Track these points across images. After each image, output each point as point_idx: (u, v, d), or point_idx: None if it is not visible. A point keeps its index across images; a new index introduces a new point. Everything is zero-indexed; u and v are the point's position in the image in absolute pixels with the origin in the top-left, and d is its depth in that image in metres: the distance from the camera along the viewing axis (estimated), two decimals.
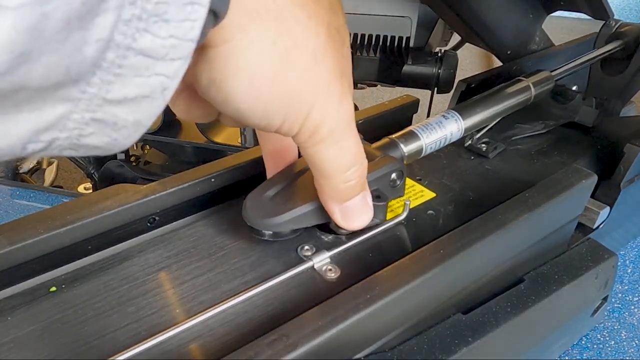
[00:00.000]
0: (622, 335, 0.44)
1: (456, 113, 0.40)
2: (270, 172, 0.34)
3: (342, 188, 0.27)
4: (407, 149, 0.36)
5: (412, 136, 0.37)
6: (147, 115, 0.18)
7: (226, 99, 0.21)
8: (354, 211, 0.29)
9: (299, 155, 0.34)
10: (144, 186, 0.34)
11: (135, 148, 0.89)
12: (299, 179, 0.32)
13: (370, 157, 0.31)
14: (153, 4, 0.16)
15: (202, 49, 0.20)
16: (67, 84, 0.16)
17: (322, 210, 0.30)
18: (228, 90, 0.21)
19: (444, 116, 0.39)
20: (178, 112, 0.26)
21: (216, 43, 0.20)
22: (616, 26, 0.49)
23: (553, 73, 0.45)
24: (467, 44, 0.82)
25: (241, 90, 0.21)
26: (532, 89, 0.44)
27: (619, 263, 0.47)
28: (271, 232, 0.31)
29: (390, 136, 0.37)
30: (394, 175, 0.32)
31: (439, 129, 0.38)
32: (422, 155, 0.38)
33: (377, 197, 0.31)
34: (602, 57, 0.48)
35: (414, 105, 0.48)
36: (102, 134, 0.18)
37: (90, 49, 0.15)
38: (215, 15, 0.18)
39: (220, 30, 0.19)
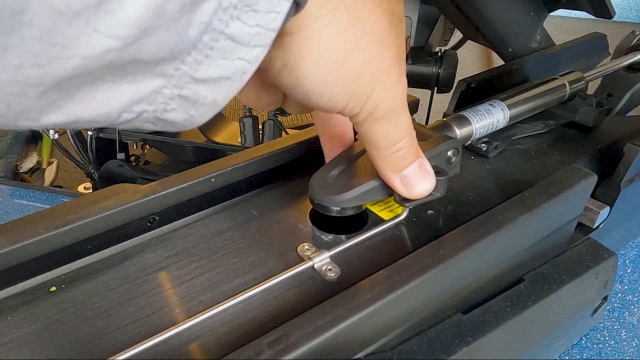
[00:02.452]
0: (622, 335, 0.44)
1: (502, 102, 0.42)
2: (328, 155, 0.35)
3: (396, 157, 0.29)
4: (460, 131, 0.39)
5: (464, 120, 0.39)
6: (224, 96, 0.20)
7: (297, 82, 0.23)
8: (414, 178, 0.30)
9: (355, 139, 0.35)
10: (144, 186, 0.34)
11: (135, 148, 0.89)
12: (359, 159, 0.33)
13: (426, 137, 0.33)
14: None
15: (279, 36, 0.21)
16: (168, 60, 0.17)
17: (385, 185, 0.31)
18: (299, 73, 0.22)
19: (490, 104, 0.41)
20: (247, 101, 0.27)
21: (292, 31, 0.21)
22: (639, 35, 0.54)
23: (585, 75, 0.48)
24: (467, 43, 0.82)
25: (312, 73, 0.22)
26: (568, 87, 0.46)
27: (619, 263, 0.47)
28: (339, 209, 0.32)
29: (443, 118, 0.39)
30: (450, 153, 0.33)
31: (488, 115, 0.40)
32: (472, 139, 0.40)
33: (436, 172, 0.32)
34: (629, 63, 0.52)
35: (414, 105, 0.48)
36: (182, 110, 0.19)
37: (193, 30, 0.17)
38: (296, 6, 0.19)
39: (298, 19, 0.21)
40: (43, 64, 0.15)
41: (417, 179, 0.30)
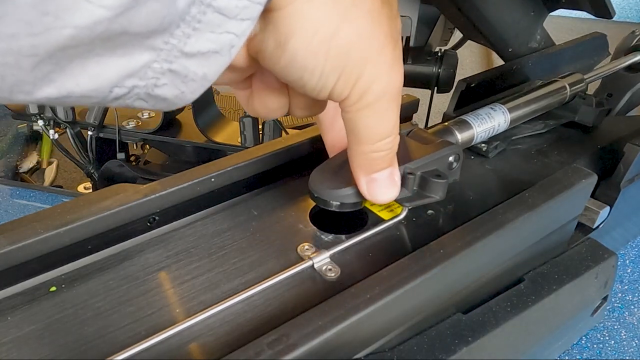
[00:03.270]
0: (622, 335, 0.44)
1: (502, 106, 0.42)
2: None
3: (373, 157, 0.28)
4: (461, 135, 0.39)
5: (465, 124, 0.40)
6: (214, 71, 0.20)
7: (290, 62, 0.22)
8: (379, 184, 0.29)
9: None
10: (144, 186, 0.34)
11: (135, 148, 0.89)
12: None
13: (428, 142, 0.34)
14: None
15: (269, 13, 0.21)
16: (157, 33, 0.18)
17: None
18: (291, 50, 0.22)
19: (492, 108, 0.42)
20: (255, 111, 0.27)
21: (281, 6, 0.21)
22: (639, 35, 0.54)
23: (585, 77, 0.48)
24: (467, 43, 0.82)
25: (303, 48, 0.22)
26: (568, 89, 0.46)
27: (619, 263, 0.47)
28: (338, 203, 0.31)
29: (445, 123, 0.40)
30: (451, 158, 0.34)
31: (489, 119, 0.41)
32: (473, 143, 0.41)
33: (437, 175, 0.32)
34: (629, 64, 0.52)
35: (413, 105, 0.48)
36: (173, 85, 0.19)
37: (181, 2, 0.17)
38: None
39: None
40: (36, 33, 0.15)
41: (383, 186, 0.29)
